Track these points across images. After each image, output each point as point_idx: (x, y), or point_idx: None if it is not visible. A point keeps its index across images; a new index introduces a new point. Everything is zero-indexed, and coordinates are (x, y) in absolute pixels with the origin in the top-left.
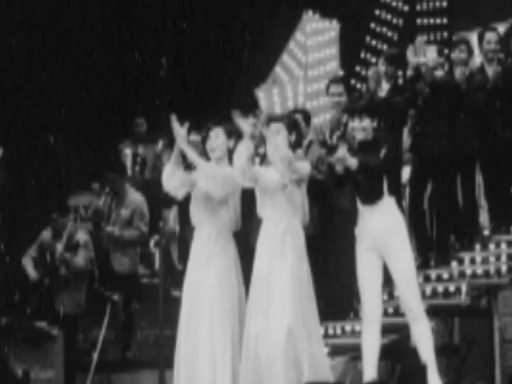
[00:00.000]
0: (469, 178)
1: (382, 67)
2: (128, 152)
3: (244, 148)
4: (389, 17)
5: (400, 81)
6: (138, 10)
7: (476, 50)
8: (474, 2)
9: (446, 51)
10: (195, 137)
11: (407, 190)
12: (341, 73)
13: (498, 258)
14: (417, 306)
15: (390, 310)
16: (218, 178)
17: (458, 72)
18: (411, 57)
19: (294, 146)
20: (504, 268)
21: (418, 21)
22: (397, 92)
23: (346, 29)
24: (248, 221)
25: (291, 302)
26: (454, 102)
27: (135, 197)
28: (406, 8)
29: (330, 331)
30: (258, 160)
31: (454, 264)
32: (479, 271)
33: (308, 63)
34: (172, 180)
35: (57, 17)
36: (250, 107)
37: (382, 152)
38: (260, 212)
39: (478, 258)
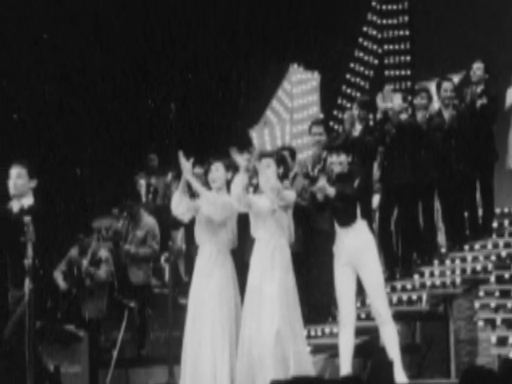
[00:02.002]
0: (428, 204)
1: (355, 111)
2: (142, 182)
3: (240, 179)
4: (361, 69)
5: (371, 123)
6: (151, 64)
7: (434, 97)
8: (433, 57)
9: (410, 98)
10: (199, 170)
11: (377, 215)
12: (321, 116)
13: (453, 272)
14: (385, 312)
15: (363, 315)
16: (218, 204)
17: (420, 115)
18: (380, 102)
19: (282, 177)
20: (458, 280)
21: (386, 72)
22: (368, 132)
23: (326, 79)
24: (243, 240)
25: (279, 308)
26: (416, 141)
27: (148, 220)
28: (376, 62)
29: (312, 333)
30: (251, 189)
31: (416, 277)
32: (437, 283)
33: (293, 108)
34: (179, 206)
35: (83, 70)
36: (245, 145)
37: (356, 182)
38: (253, 233)
39: (436, 272)
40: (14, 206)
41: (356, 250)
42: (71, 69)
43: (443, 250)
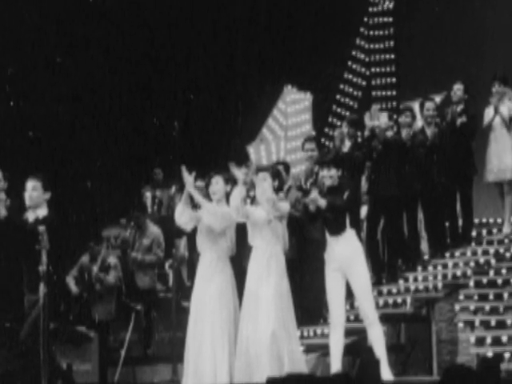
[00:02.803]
0: (412, 214)
1: (345, 129)
2: (148, 195)
3: (238, 191)
4: (350, 90)
5: (359, 139)
6: (156, 86)
7: (418, 116)
8: (416, 78)
9: (395, 116)
10: (200, 183)
11: (365, 224)
12: (313, 133)
13: (435, 277)
14: (372, 314)
15: (352, 317)
16: (218, 214)
17: (404, 132)
18: (368, 121)
19: (277, 190)
20: (440, 285)
21: (373, 93)
22: (356, 148)
23: (317, 99)
24: (241, 248)
25: (275, 310)
26: (401, 156)
27: (154, 229)
28: (364, 83)
29: (305, 333)
30: (249, 201)
31: (401, 281)
32: (420, 287)
33: (288, 126)
34: (182, 216)
35: (93, 91)
36: (243, 160)
37: (345, 195)
38: (250, 241)
39: (420, 277)
40: (30, 216)
41: (345, 257)
42: (82, 90)
43: (426, 257)
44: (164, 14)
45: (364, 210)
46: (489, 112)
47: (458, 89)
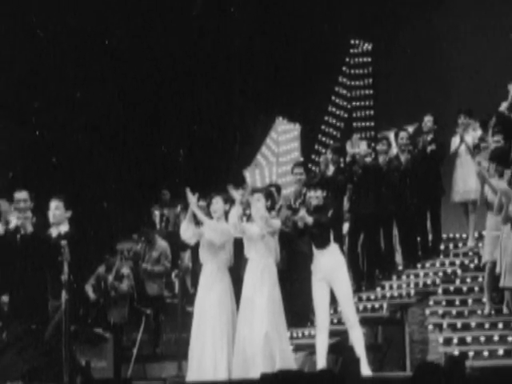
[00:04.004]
0: (388, 231)
1: (329, 155)
2: (157, 213)
3: (235, 210)
4: (334, 121)
5: (341, 165)
6: (164, 118)
7: (393, 144)
8: (392, 111)
9: (373, 145)
10: (202, 203)
11: (346, 239)
12: (301, 159)
13: (408, 285)
14: (353, 318)
15: (335, 320)
16: (218, 230)
17: (381, 159)
18: (349, 148)
19: (270, 209)
20: (412, 292)
21: (354, 124)
22: (339, 172)
23: (305, 129)
24: (238, 259)
25: (267, 315)
26: (378, 179)
27: (162, 243)
28: (346, 115)
29: (294, 335)
30: (245, 218)
31: (378, 289)
32: (395, 294)
33: (279, 153)
34: (187, 232)
35: (109, 122)
36: (240, 183)
37: (330, 213)
38: (246, 254)
39: (394, 285)
40: (53, 232)
41: (330, 267)
42: (99, 122)
43: (400, 268)
44: (171, 57)
45: (346, 227)
46: (455, 141)
47: (428, 120)
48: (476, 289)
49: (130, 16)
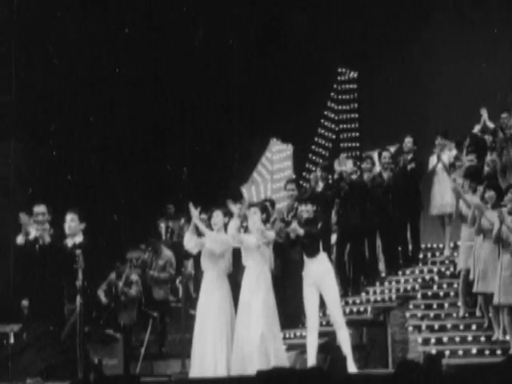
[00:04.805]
0: (372, 241)
1: (318, 173)
2: (162, 225)
3: (234, 223)
4: (323, 142)
5: (330, 181)
6: (169, 139)
7: (377, 163)
8: (375, 133)
9: (358, 163)
10: (204, 216)
11: (334, 249)
12: (293, 176)
13: (390, 291)
14: (340, 320)
15: (324, 322)
16: (218, 241)
17: (366, 176)
18: (337, 166)
19: (265, 221)
20: (394, 297)
21: (341, 145)
22: (328, 188)
23: (297, 149)
24: (236, 267)
25: (263, 317)
26: (363, 195)
27: (167, 252)
28: (334, 137)
29: (287, 335)
30: (242, 230)
31: (363, 294)
32: (378, 298)
33: (273, 170)
34: (190, 242)
35: (119, 142)
36: (238, 198)
37: (319, 225)
38: (244, 262)
39: (378, 290)
40: (69, 242)
41: (319, 274)
42: (110, 142)
43: (383, 275)
44: (175, 84)
45: (334, 237)
46: (433, 160)
47: (408, 141)
48: (452, 294)
49: (138, 47)
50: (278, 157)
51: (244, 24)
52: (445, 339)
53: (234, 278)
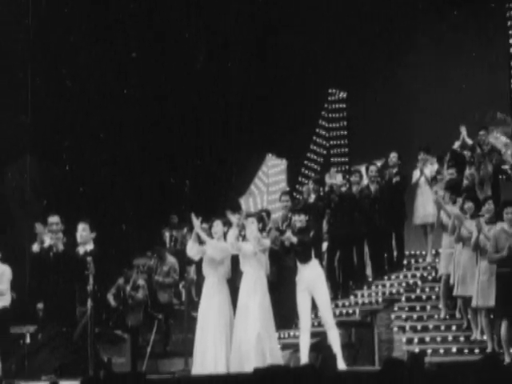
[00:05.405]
0: (360, 248)
1: (311, 186)
2: (167, 234)
3: (233, 232)
4: (315, 157)
5: (321, 193)
6: (173, 155)
7: (364, 176)
8: (363, 148)
9: (347, 176)
10: (205, 225)
11: (325, 256)
12: (287, 189)
13: (376, 294)
14: (331, 321)
15: (316, 323)
16: (218, 248)
17: (354, 188)
18: (327, 179)
19: (261, 230)
20: (380, 299)
21: (332, 159)
22: (319, 199)
23: (291, 164)
24: (235, 273)
25: (259, 319)
26: (352, 206)
27: (171, 259)
28: (325, 152)
29: (282, 335)
30: (241, 238)
31: (352, 297)
32: (366, 301)
33: (269, 183)
34: (192, 250)
35: (127, 158)
36: (236, 209)
37: (311, 234)
38: (242, 268)
39: (365, 294)
40: (80, 250)
41: (311, 279)
42: (119, 158)
43: (370, 279)
44: (178, 103)
45: (325, 245)
46: (416, 173)
47: (393, 156)
48: (433, 297)
49: (144, 70)
50: (273, 171)
51: (241, 49)
52: (427, 339)
53: (233, 282)
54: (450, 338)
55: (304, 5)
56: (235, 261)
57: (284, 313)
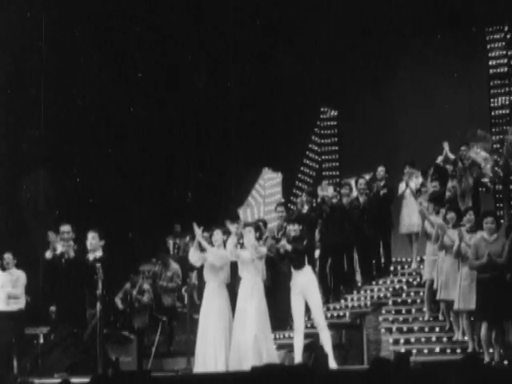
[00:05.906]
0: (350, 256)
1: (304, 197)
2: (170, 242)
3: (232, 240)
4: (308, 171)
5: (314, 204)
6: (175, 168)
7: (354, 188)
8: (353, 163)
9: (338, 189)
10: (206, 234)
11: (318, 262)
12: (282, 200)
13: (365, 298)
14: (323, 323)
15: (309, 325)
16: (218, 255)
17: (344, 200)
18: (320, 192)
19: (258, 239)
20: (368, 303)
21: (323, 173)
22: (312, 210)
23: (286, 177)
24: (234, 278)
25: (256, 321)
26: (342, 216)
27: (174, 265)
28: (317, 166)
29: (277, 336)
30: (239, 246)
31: (342, 301)
32: (355, 305)
33: (265, 195)
34: (194, 257)
35: (133, 171)
36: (235, 218)
37: (304, 242)
38: (240, 274)
39: (355, 298)
40: (90, 256)
41: (304, 284)
42: (126, 171)
43: (359, 284)
44: (181, 120)
45: (317, 253)
46: (402, 186)
47: (381, 170)
48: (418, 301)
49: (149, 89)
50: (269, 183)
51: (240, 70)
52: (412, 339)
53: (232, 287)
54: (433, 339)
55: (298, 31)
56: (234, 267)
57: (279, 315)
